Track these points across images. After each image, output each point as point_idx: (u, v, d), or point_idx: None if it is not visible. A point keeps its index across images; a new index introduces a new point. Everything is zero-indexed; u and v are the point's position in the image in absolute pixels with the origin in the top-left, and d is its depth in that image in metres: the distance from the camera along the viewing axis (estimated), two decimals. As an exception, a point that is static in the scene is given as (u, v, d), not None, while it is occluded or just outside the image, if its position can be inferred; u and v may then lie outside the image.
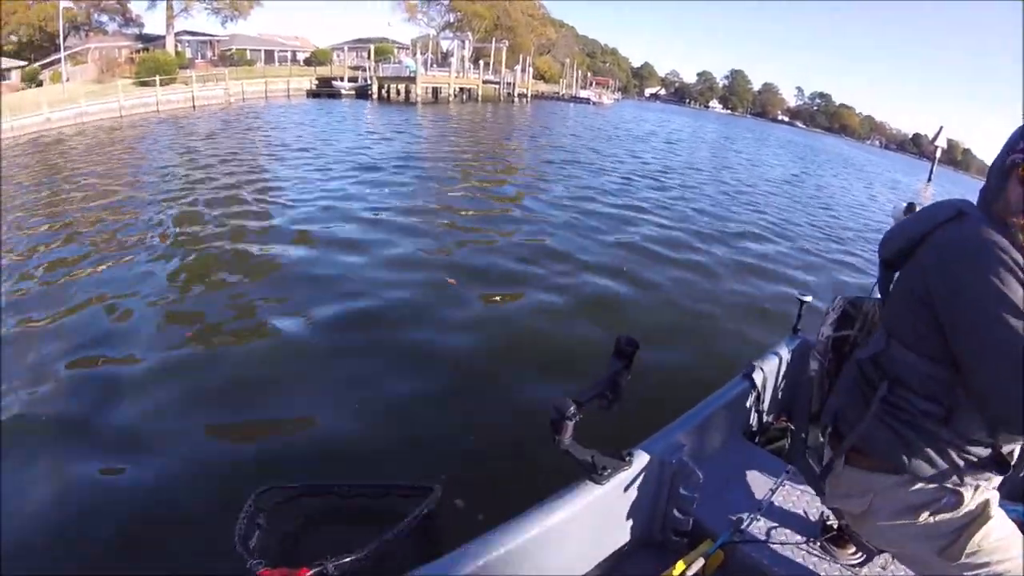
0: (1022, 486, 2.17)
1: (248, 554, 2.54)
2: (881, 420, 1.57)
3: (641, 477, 2.16)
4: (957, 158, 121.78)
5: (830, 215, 16.51)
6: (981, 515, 1.55)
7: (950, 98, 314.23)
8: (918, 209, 2.56)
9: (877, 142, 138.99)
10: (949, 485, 1.55)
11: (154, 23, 46.72)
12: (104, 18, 43.95)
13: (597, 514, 2.03)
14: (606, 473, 1.95)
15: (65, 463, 3.91)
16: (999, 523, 1.57)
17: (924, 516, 1.58)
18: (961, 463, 1.51)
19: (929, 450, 1.51)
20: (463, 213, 11.15)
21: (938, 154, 42.38)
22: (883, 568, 2.25)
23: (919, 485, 1.57)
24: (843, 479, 1.72)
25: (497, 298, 6.89)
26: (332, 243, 8.62)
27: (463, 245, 8.94)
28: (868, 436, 1.60)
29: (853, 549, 2.29)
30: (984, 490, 1.57)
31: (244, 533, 2.69)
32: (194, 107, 32.51)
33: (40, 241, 8.59)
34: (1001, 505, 1.59)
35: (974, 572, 1.55)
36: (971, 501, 1.56)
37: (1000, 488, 1.62)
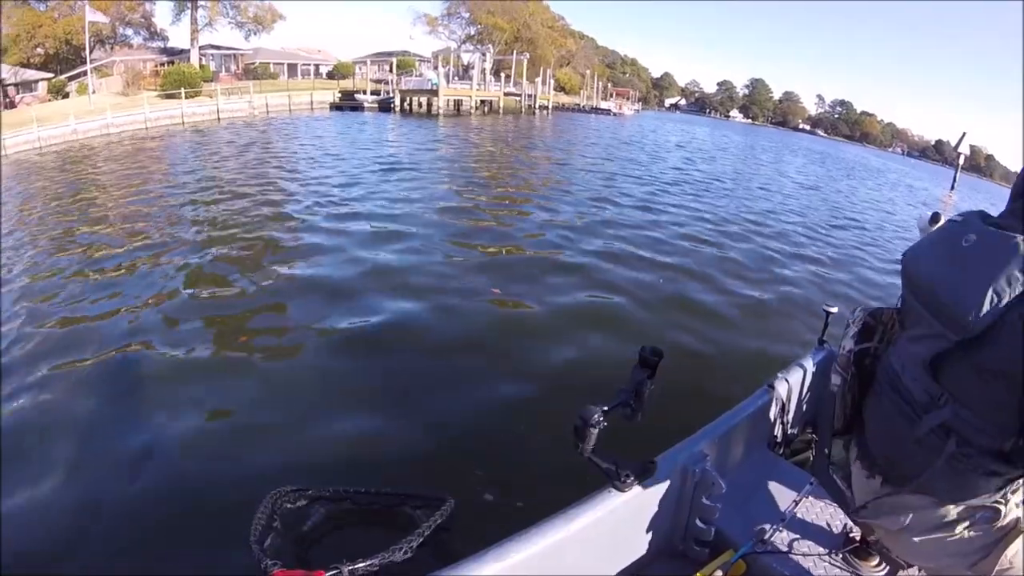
0: None
1: (263, 554, 2.57)
2: (947, 465, 1.51)
3: (663, 486, 2.17)
4: (980, 164, 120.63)
5: (853, 223, 16.45)
6: (1014, 530, 1.54)
7: (972, 102, 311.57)
8: (943, 220, 2.51)
9: (899, 149, 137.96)
10: (988, 503, 1.53)
11: (179, 37, 47.41)
12: (129, 31, 44.65)
13: (619, 521, 2.03)
14: (629, 481, 1.95)
15: (82, 459, 4.03)
16: None
17: (959, 529, 1.56)
18: (1005, 487, 1.50)
19: (979, 480, 1.49)
20: (488, 224, 11.22)
21: (961, 160, 41.77)
22: None
23: (960, 504, 1.56)
24: (882, 495, 1.71)
25: (521, 306, 6.92)
26: (362, 252, 8.71)
27: (486, 253, 9.02)
28: (925, 478, 1.56)
29: (876, 561, 2.27)
30: (1016, 506, 1.55)
31: (260, 533, 2.73)
32: (219, 120, 33.06)
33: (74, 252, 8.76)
34: None
35: None
36: (1006, 517, 1.54)
37: None
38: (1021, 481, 1.49)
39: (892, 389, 1.63)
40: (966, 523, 1.56)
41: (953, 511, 1.57)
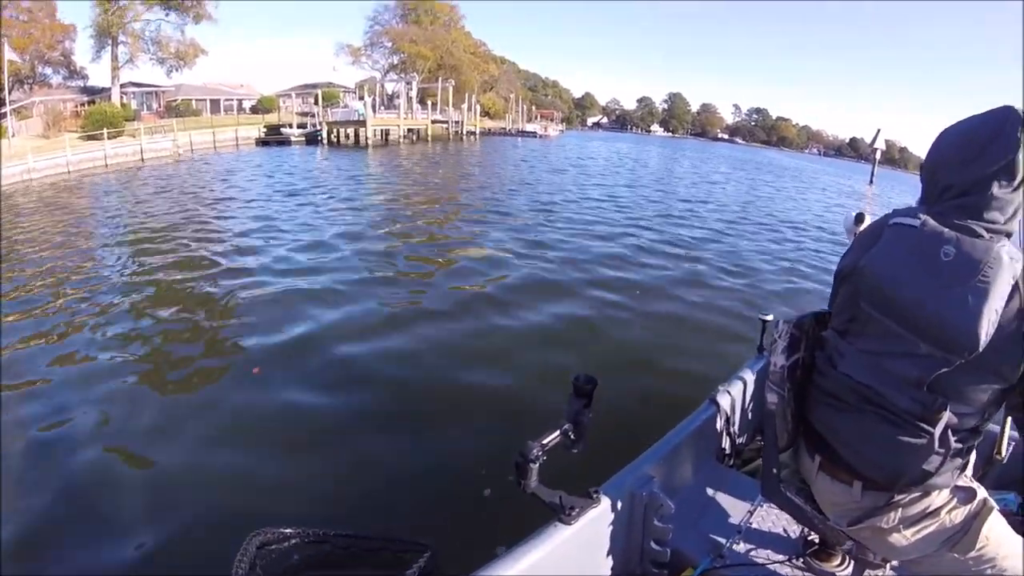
0: (1006, 474, 2.32)
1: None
2: (946, 456, 1.54)
3: (611, 513, 2.13)
4: (895, 157, 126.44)
5: (773, 228, 17.06)
6: (986, 507, 1.62)
7: (883, 98, 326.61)
8: (868, 219, 2.52)
9: (815, 150, 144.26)
10: (962, 484, 1.64)
11: (99, 75, 46.21)
12: (48, 71, 43.32)
13: (569, 555, 1.95)
14: (574, 513, 1.91)
15: (64, 502, 4.11)
16: (998, 514, 1.65)
17: (943, 514, 1.63)
18: (974, 460, 1.64)
19: (957, 460, 1.56)
20: (423, 252, 11.39)
21: (878, 156, 43.61)
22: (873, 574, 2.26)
23: (942, 491, 1.63)
24: (864, 501, 1.70)
25: (455, 338, 7.10)
26: (305, 294, 8.63)
27: (418, 282, 9.28)
28: (920, 474, 1.57)
29: (838, 561, 2.29)
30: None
31: None
32: (143, 160, 31.90)
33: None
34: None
35: (988, 564, 1.63)
36: (979, 493, 1.64)
37: (983, 479, 1.76)
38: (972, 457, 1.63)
39: (865, 401, 1.61)
40: (949, 506, 1.62)
41: (938, 498, 1.62)
